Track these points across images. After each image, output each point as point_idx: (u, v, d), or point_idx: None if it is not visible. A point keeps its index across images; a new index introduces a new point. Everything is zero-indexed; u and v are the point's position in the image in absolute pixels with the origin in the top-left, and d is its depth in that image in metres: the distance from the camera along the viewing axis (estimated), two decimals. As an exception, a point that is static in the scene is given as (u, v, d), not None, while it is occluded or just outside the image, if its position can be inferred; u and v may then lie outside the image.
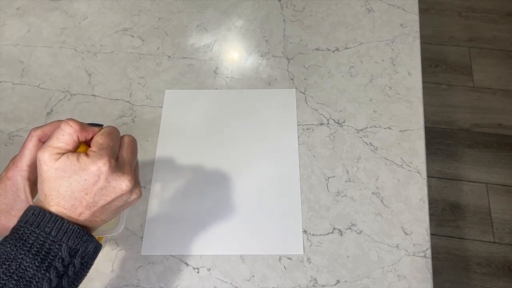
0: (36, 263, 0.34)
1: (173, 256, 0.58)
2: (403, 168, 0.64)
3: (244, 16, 0.81)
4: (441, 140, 1.54)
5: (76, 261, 0.37)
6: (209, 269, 0.57)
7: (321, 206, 0.61)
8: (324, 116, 0.69)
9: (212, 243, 0.59)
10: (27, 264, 0.34)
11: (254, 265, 0.57)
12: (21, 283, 0.34)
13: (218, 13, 0.82)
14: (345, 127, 0.68)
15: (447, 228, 1.37)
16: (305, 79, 0.73)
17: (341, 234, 0.59)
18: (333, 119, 0.69)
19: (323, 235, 0.59)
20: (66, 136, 0.38)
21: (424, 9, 1.84)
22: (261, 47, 0.77)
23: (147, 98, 0.72)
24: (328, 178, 0.64)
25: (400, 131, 0.67)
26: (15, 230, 0.36)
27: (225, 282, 0.56)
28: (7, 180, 0.43)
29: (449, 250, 1.34)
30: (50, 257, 0.35)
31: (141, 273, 0.57)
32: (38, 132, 0.42)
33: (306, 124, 0.68)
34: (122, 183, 0.38)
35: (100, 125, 0.41)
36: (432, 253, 0.58)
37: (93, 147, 0.38)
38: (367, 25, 0.79)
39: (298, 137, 0.67)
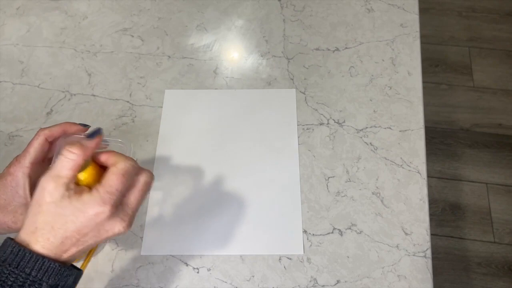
0: None
1: (173, 256, 0.58)
2: (403, 168, 0.64)
3: (244, 16, 0.81)
4: (441, 140, 1.54)
5: None
6: (209, 269, 0.57)
7: (321, 206, 0.61)
8: (324, 116, 0.69)
9: (212, 243, 0.59)
10: None
11: (254, 265, 0.57)
12: None
13: (218, 13, 0.82)
14: (345, 127, 0.68)
15: (447, 228, 1.37)
16: (305, 79, 0.73)
17: (341, 234, 0.59)
18: (333, 119, 0.69)
19: (323, 235, 0.59)
20: (71, 162, 0.36)
21: (424, 9, 1.84)
22: (261, 47, 0.77)
23: (147, 98, 0.72)
24: (328, 178, 0.64)
25: (400, 131, 0.67)
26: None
27: (225, 282, 0.56)
28: (8, 176, 0.42)
29: (449, 250, 1.34)
30: None
31: (141, 273, 0.57)
32: (46, 131, 0.42)
33: (306, 124, 0.68)
34: (116, 228, 0.36)
35: (87, 126, 0.41)
36: (432, 253, 0.58)
37: (101, 188, 0.36)
38: (367, 25, 0.79)
39: (298, 137, 0.67)
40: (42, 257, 0.35)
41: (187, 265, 0.58)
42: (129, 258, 0.58)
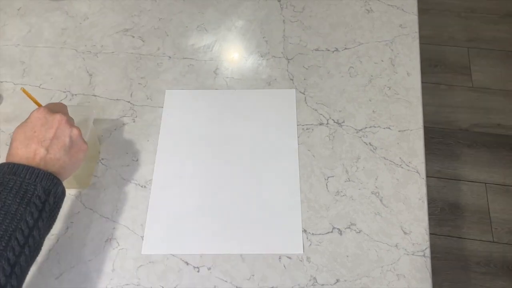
0: (17, 200, 0.42)
1: (173, 255, 0.58)
2: (402, 168, 0.65)
3: (244, 16, 0.82)
4: (440, 140, 1.54)
5: (50, 199, 0.45)
6: (209, 268, 0.57)
7: (320, 205, 0.62)
8: (323, 116, 0.70)
9: (212, 243, 0.59)
10: (10, 202, 0.42)
11: (254, 264, 0.58)
12: (8, 216, 0.42)
13: (218, 14, 0.82)
14: (345, 127, 0.68)
15: (446, 227, 1.38)
16: (304, 79, 0.73)
17: (341, 234, 0.60)
18: (332, 119, 0.69)
19: (323, 234, 0.60)
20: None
21: (424, 10, 1.84)
22: (261, 48, 0.78)
23: (148, 98, 0.72)
24: (328, 177, 0.64)
25: (399, 131, 0.68)
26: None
27: (225, 281, 0.57)
28: None
29: (448, 249, 1.34)
30: (28, 195, 0.43)
31: (142, 272, 0.57)
32: None
33: (306, 124, 0.69)
34: (56, 116, 0.49)
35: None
36: (431, 252, 0.58)
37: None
38: (367, 26, 0.79)
39: (297, 137, 0.68)
40: (33, 167, 0.45)
41: (187, 264, 0.58)
42: (130, 257, 0.58)
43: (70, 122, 0.51)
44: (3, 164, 0.45)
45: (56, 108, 0.52)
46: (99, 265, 0.57)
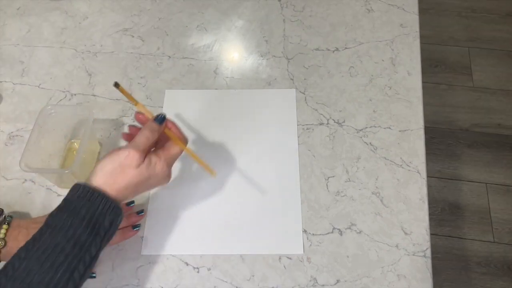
0: (87, 231, 0.43)
1: (173, 255, 0.58)
2: (402, 168, 0.64)
3: (244, 16, 0.82)
4: (440, 140, 1.54)
5: (112, 229, 0.46)
6: (209, 269, 0.57)
7: (321, 205, 0.62)
8: (324, 116, 0.69)
9: (212, 243, 0.59)
10: (80, 232, 0.42)
11: (254, 264, 0.57)
12: (77, 245, 0.42)
13: (218, 13, 0.82)
14: (345, 127, 0.68)
15: (446, 227, 1.37)
16: (305, 79, 0.73)
17: (341, 234, 0.59)
18: (333, 119, 0.69)
19: (323, 234, 0.59)
20: (145, 141, 0.49)
21: (424, 9, 1.84)
22: (261, 47, 0.77)
23: (148, 98, 0.72)
24: (328, 178, 0.64)
25: (399, 131, 0.68)
26: (68, 202, 0.44)
27: (225, 281, 0.56)
28: None
29: (448, 249, 1.34)
30: (97, 226, 0.44)
31: (142, 272, 0.57)
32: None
33: (306, 124, 0.69)
34: (168, 179, 0.51)
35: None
36: (432, 252, 0.58)
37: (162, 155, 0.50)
38: (367, 25, 0.79)
39: (298, 137, 0.67)
40: (108, 197, 0.45)
41: (187, 264, 0.58)
42: (130, 257, 0.58)
43: (167, 180, 0.52)
44: (78, 185, 0.45)
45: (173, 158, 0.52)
46: (98, 266, 0.57)
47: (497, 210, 1.40)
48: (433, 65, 1.70)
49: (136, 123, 0.53)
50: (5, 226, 0.51)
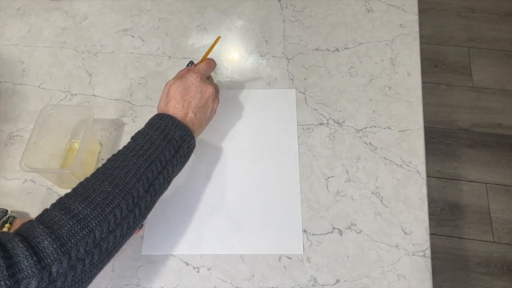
0: (161, 137, 0.52)
1: (173, 255, 0.58)
2: (402, 168, 0.64)
3: (244, 16, 0.82)
4: (440, 140, 1.54)
5: (184, 146, 0.53)
6: (209, 269, 0.57)
7: (320, 205, 0.62)
8: (323, 116, 0.69)
9: (212, 243, 0.59)
10: (155, 137, 0.51)
11: (254, 264, 0.57)
12: (153, 146, 0.50)
13: (218, 13, 0.82)
14: (345, 127, 0.68)
15: (446, 227, 1.37)
16: (305, 79, 0.73)
17: (341, 234, 0.60)
18: (332, 119, 0.69)
19: (323, 234, 0.60)
20: (182, 72, 0.61)
21: (424, 9, 1.84)
22: (261, 47, 0.77)
23: (147, 98, 0.72)
24: (328, 178, 0.64)
25: (399, 131, 0.68)
26: (148, 123, 0.54)
27: (225, 281, 0.56)
28: None
29: (448, 249, 1.34)
30: (169, 137, 0.52)
31: (142, 272, 0.57)
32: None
33: (306, 124, 0.69)
34: (209, 88, 0.58)
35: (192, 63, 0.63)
36: (432, 252, 0.58)
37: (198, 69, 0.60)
38: (367, 25, 0.79)
39: (298, 137, 0.67)
40: (175, 117, 0.54)
41: (187, 264, 0.58)
42: (130, 257, 0.58)
43: (216, 95, 0.60)
44: (158, 113, 0.55)
45: (206, 74, 0.60)
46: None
47: (497, 210, 1.40)
48: (433, 65, 1.71)
49: None
50: (7, 225, 0.53)
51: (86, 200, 0.43)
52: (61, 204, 0.43)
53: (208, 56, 0.63)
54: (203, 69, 0.60)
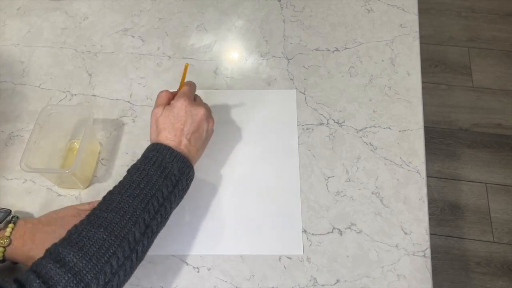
0: (158, 172, 0.50)
1: (173, 255, 0.58)
2: (402, 168, 0.64)
3: (244, 16, 0.82)
4: (440, 140, 1.54)
5: (183, 179, 0.52)
6: (209, 269, 0.57)
7: (320, 205, 0.62)
8: (324, 116, 0.69)
9: (212, 243, 0.59)
10: (152, 173, 0.49)
11: (254, 264, 0.57)
12: (149, 184, 0.49)
13: (218, 13, 0.82)
14: (345, 127, 0.68)
15: (446, 227, 1.37)
16: (305, 79, 0.73)
17: (341, 234, 0.60)
18: (332, 119, 0.69)
19: (323, 234, 0.60)
20: (164, 98, 0.57)
21: (424, 9, 1.84)
22: (261, 47, 0.77)
23: (148, 98, 0.72)
24: (328, 178, 0.64)
25: (399, 131, 0.68)
26: (142, 155, 0.52)
27: (225, 281, 0.56)
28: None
29: (448, 249, 1.34)
30: (167, 171, 0.50)
31: (142, 272, 0.57)
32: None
33: (306, 124, 0.69)
34: (200, 110, 0.55)
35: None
36: (432, 252, 0.58)
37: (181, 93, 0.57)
38: (367, 26, 0.79)
39: (298, 137, 0.67)
40: (174, 149, 0.52)
41: (187, 264, 0.58)
42: (130, 257, 0.58)
43: (208, 115, 0.57)
44: (153, 144, 0.54)
45: (192, 95, 0.58)
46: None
47: (497, 210, 1.40)
48: (433, 65, 1.71)
49: None
50: (11, 225, 0.53)
51: (81, 251, 0.42)
52: (56, 254, 0.42)
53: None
54: (188, 91, 0.57)
